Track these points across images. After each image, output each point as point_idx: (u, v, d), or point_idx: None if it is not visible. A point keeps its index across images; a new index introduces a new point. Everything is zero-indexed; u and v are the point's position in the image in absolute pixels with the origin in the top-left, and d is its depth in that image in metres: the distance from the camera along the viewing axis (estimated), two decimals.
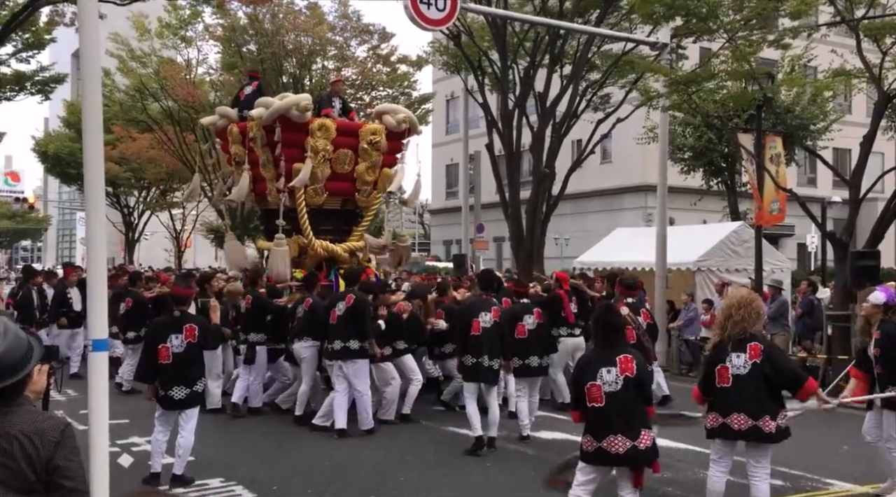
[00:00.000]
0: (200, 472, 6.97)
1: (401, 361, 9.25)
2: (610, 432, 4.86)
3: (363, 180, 11.23)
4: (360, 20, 26.39)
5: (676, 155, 21.21)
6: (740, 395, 5.23)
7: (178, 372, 6.74)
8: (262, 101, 10.89)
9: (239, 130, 11.18)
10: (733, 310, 5.36)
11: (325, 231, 11.16)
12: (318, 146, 10.65)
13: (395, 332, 9.17)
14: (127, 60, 26.48)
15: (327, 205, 11.20)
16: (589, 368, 5.01)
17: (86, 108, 5.41)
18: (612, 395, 4.88)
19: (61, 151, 34.69)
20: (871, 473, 7.16)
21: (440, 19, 10.42)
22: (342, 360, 8.45)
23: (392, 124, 11.35)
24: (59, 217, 74.35)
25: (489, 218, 28.00)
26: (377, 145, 11.10)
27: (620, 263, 15.47)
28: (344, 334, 8.46)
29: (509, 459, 7.64)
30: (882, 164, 22.54)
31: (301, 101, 10.69)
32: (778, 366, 5.28)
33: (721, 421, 5.32)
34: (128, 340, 11.10)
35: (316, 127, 10.69)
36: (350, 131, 11.12)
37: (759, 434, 5.22)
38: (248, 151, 11.09)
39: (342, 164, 11.00)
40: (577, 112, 18.88)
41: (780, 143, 14.39)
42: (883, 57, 12.55)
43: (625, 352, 5.02)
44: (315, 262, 10.94)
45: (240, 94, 12.03)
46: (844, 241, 12.51)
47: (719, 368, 5.33)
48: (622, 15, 18.33)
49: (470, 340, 7.78)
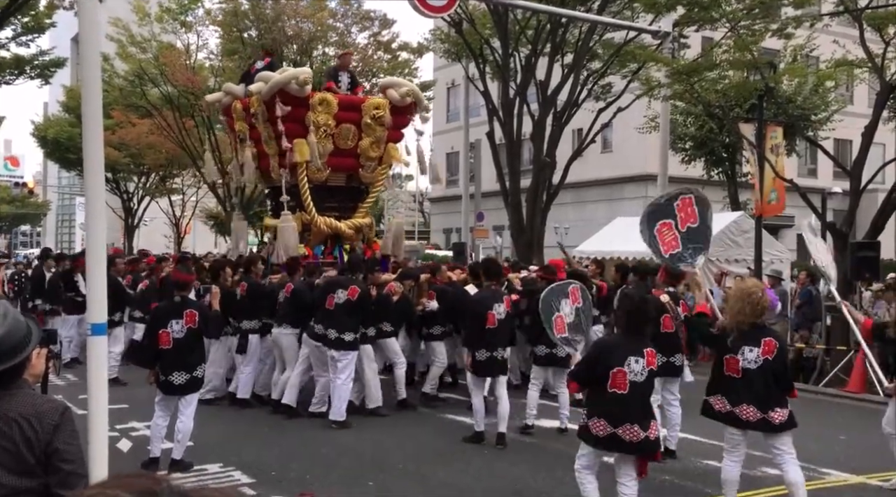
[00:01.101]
0: (199, 457, 6.99)
1: (385, 344, 9.13)
2: (627, 421, 4.87)
3: (367, 156, 10.97)
4: (360, 7, 26.29)
5: (677, 144, 21.18)
6: (750, 388, 5.25)
7: (178, 357, 6.75)
8: (261, 75, 10.62)
9: (243, 107, 11.00)
10: (735, 301, 5.40)
11: (330, 208, 10.96)
12: (319, 121, 10.45)
13: (383, 313, 9.01)
14: (126, 45, 26.35)
15: (331, 181, 10.98)
16: (616, 353, 4.98)
17: (85, 92, 5.40)
18: (635, 385, 4.91)
19: (61, 136, 34.61)
20: (868, 464, 7.19)
21: (442, 6, 10.36)
22: (335, 350, 8.31)
23: (396, 98, 11.03)
24: (59, 202, 74.20)
25: (489, 206, 27.96)
26: (381, 120, 10.84)
27: (620, 253, 15.46)
28: (341, 325, 8.30)
29: (508, 448, 7.64)
30: (883, 154, 22.53)
31: (300, 74, 10.40)
32: (783, 367, 5.40)
33: (729, 408, 5.36)
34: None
35: (317, 101, 10.46)
36: (353, 106, 10.85)
37: (770, 425, 5.27)
38: (250, 128, 10.94)
39: (345, 139, 10.76)
40: (578, 101, 18.83)
41: (781, 133, 14.36)
42: (886, 47, 12.52)
43: (650, 345, 5.12)
44: (319, 239, 10.78)
45: (250, 69, 11.82)
46: (844, 232, 12.52)
47: (728, 358, 5.34)
48: (625, 3, 18.26)
49: (486, 334, 7.63)
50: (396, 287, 9.13)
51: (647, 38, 17.42)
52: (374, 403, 8.90)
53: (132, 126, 29.52)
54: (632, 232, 17.18)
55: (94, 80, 5.38)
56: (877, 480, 6.78)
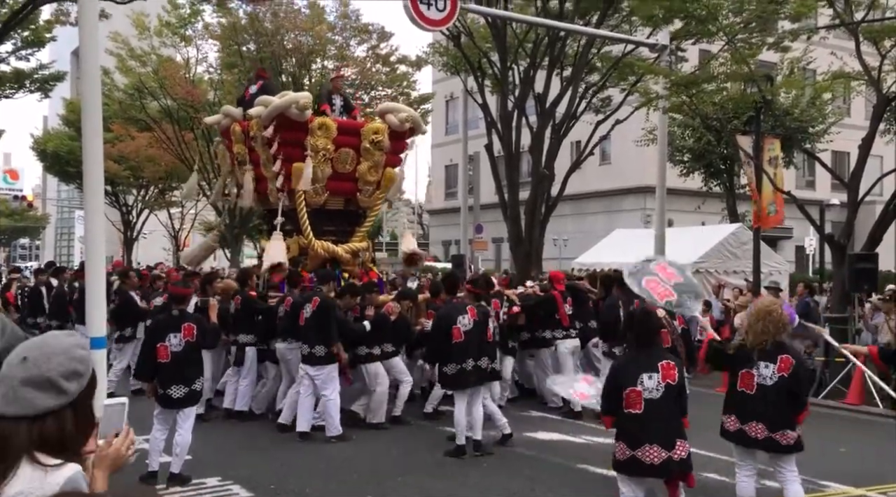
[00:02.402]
0: (198, 470, 6.97)
1: (389, 363, 9.11)
2: (646, 441, 4.69)
3: (365, 180, 11.05)
4: (359, 20, 26.40)
5: (675, 157, 21.25)
6: (763, 405, 5.16)
7: (176, 371, 6.75)
8: (261, 99, 10.73)
9: (241, 130, 11.10)
10: (752, 320, 5.29)
11: (328, 232, 11.00)
12: (318, 145, 10.53)
13: (383, 333, 9.00)
14: (126, 59, 26.47)
15: (329, 205, 11.06)
16: (629, 373, 4.82)
17: (85, 107, 5.44)
18: (651, 403, 4.72)
19: (60, 150, 34.67)
20: (868, 476, 7.18)
21: (440, 20, 10.45)
22: (309, 365, 8.32)
23: (395, 123, 11.15)
24: (58, 215, 74.19)
25: (488, 219, 28.00)
26: (380, 145, 10.93)
27: (619, 265, 15.46)
28: (311, 339, 8.31)
29: (506, 460, 7.64)
30: (881, 166, 22.55)
31: (300, 99, 10.51)
32: (800, 386, 5.29)
33: (739, 426, 5.28)
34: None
35: (316, 126, 10.56)
36: (352, 130, 10.97)
37: (776, 446, 5.20)
38: (250, 151, 11.01)
39: (343, 163, 10.85)
40: (576, 113, 18.90)
41: (779, 145, 14.42)
42: (882, 59, 12.57)
43: (666, 358, 4.90)
44: (316, 263, 10.84)
45: (245, 93, 11.95)
46: (842, 244, 12.53)
47: (744, 373, 5.25)
48: (622, 17, 18.36)
49: (454, 348, 7.56)
50: (394, 307, 9.11)
51: (644, 52, 17.52)
52: (377, 419, 8.93)
53: (132, 139, 29.61)
54: (630, 243, 17.30)
55: (94, 94, 5.42)
56: (876, 493, 6.76)
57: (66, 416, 1.85)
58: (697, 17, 13.91)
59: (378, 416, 8.94)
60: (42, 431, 1.80)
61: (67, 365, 1.87)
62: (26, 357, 1.86)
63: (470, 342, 7.61)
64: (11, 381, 1.83)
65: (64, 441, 1.83)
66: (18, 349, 1.91)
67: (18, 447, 1.77)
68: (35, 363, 1.85)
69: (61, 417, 1.84)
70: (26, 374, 1.83)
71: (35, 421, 1.81)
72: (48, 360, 1.86)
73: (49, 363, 1.85)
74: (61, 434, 1.83)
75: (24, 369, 1.84)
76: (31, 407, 1.81)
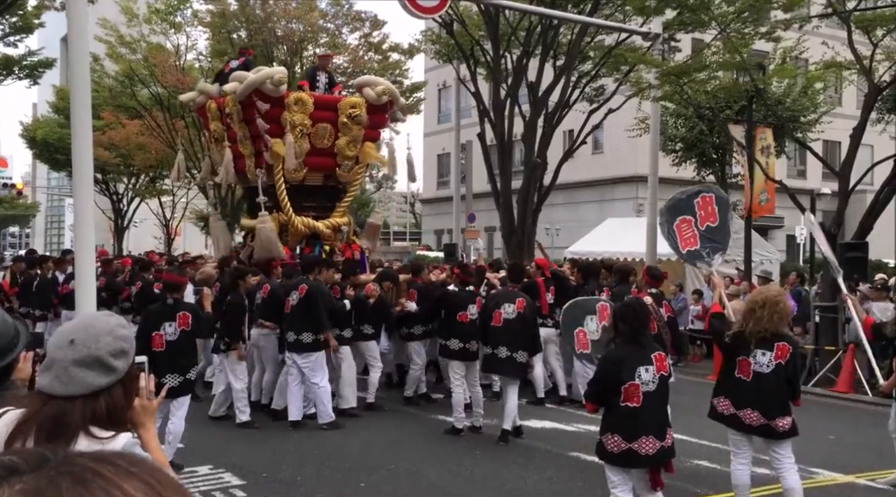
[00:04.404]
0: (190, 459, 6.97)
1: (364, 347, 9.09)
2: (643, 434, 4.69)
3: (344, 155, 10.92)
4: (351, 7, 26.25)
5: (668, 146, 21.25)
6: (758, 392, 5.15)
7: (171, 359, 6.74)
8: (236, 75, 10.56)
9: (217, 106, 10.95)
10: (756, 307, 5.21)
11: (308, 207, 10.93)
12: (295, 121, 10.41)
13: (362, 314, 8.95)
14: (116, 46, 26.25)
15: (308, 181, 10.94)
16: (626, 366, 4.76)
17: (74, 94, 5.39)
18: (648, 395, 4.71)
19: (50, 137, 34.40)
20: (857, 463, 7.25)
21: (432, 7, 10.38)
22: (296, 353, 8.28)
23: (372, 97, 10.99)
24: (48, 203, 73.83)
25: (481, 207, 27.98)
26: (357, 119, 10.81)
27: (611, 253, 15.52)
28: (297, 326, 8.24)
29: (498, 448, 7.67)
30: (871, 156, 22.65)
31: (275, 74, 10.35)
32: (795, 373, 5.32)
33: (733, 411, 5.28)
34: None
35: (292, 101, 10.43)
36: (328, 105, 10.82)
37: (772, 432, 5.20)
38: (227, 128, 10.89)
39: (321, 138, 10.71)
40: (569, 102, 18.87)
41: (770, 134, 14.44)
42: (874, 49, 12.59)
43: (657, 349, 4.89)
44: (297, 239, 10.74)
45: (225, 68, 11.78)
46: (833, 233, 12.57)
47: (741, 360, 5.23)
48: (616, 6, 18.32)
49: (489, 331, 7.75)
50: (373, 289, 9.06)
51: (637, 41, 17.49)
52: (347, 404, 8.84)
53: (122, 127, 29.40)
54: (622, 232, 17.33)
55: (83, 81, 5.37)
56: (865, 479, 6.82)
57: (116, 391, 1.98)
58: (690, 6, 13.88)
59: (349, 400, 8.84)
60: (95, 408, 1.93)
61: (115, 344, 1.98)
62: (73, 339, 1.95)
63: (507, 330, 7.67)
64: (63, 362, 1.93)
65: (116, 414, 1.96)
66: (64, 332, 2.01)
67: (76, 424, 1.89)
68: (84, 344, 1.95)
69: (113, 393, 1.97)
70: (77, 355, 1.93)
71: (88, 398, 1.92)
72: (97, 341, 1.96)
73: (98, 343, 1.96)
74: (113, 408, 1.96)
75: (75, 351, 1.94)
76: (85, 386, 1.93)
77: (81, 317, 2.13)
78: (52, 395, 1.91)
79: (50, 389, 1.91)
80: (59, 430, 1.87)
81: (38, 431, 1.86)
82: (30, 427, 1.87)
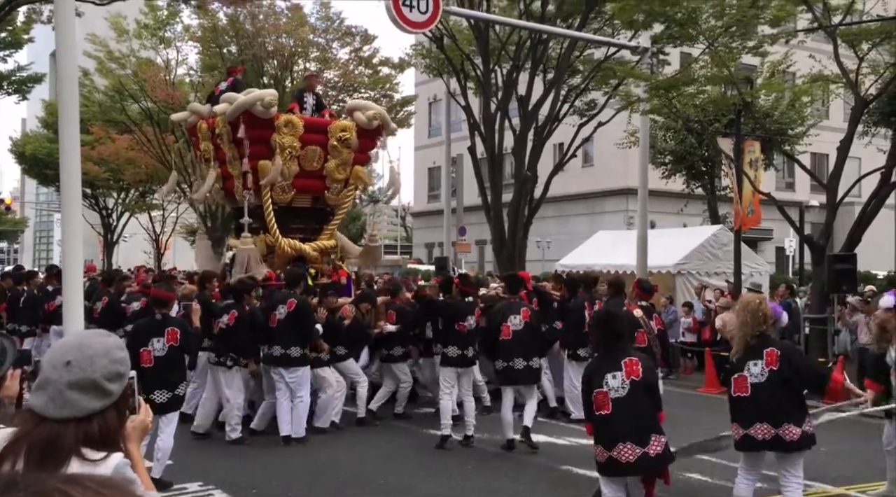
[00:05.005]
0: (179, 476, 6.89)
1: (343, 366, 9.03)
2: (619, 441, 4.66)
3: (333, 178, 10.96)
4: (342, 22, 26.36)
5: (657, 159, 21.37)
6: (759, 404, 5.08)
7: (159, 375, 6.69)
8: (226, 96, 10.60)
9: (208, 127, 10.96)
10: (740, 314, 5.26)
11: (296, 229, 10.93)
12: (284, 143, 10.44)
13: (335, 336, 8.92)
14: (105, 61, 26.24)
15: (297, 203, 10.96)
16: (595, 376, 4.82)
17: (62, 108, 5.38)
18: (618, 402, 4.69)
19: (39, 152, 34.28)
20: (848, 474, 7.25)
21: (422, 22, 10.43)
22: (283, 367, 8.24)
23: (363, 121, 11.05)
24: (37, 219, 73.45)
25: (471, 221, 28.02)
26: (347, 142, 10.86)
27: (602, 266, 15.55)
28: (285, 340, 8.21)
29: (490, 461, 7.64)
30: (859, 168, 22.81)
31: (265, 96, 10.38)
32: (799, 366, 5.12)
33: (743, 432, 5.18)
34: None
35: (282, 123, 10.46)
36: (319, 128, 10.87)
37: (782, 443, 5.07)
38: (216, 148, 10.89)
39: (311, 161, 10.75)
40: (559, 116, 18.97)
41: (759, 147, 14.54)
42: (859, 63, 12.73)
43: (630, 355, 4.85)
44: (284, 261, 10.69)
45: (215, 90, 11.83)
46: (822, 245, 12.65)
47: (736, 378, 5.17)
48: (604, 21, 18.46)
49: (500, 345, 7.79)
50: (349, 311, 9.04)
51: (626, 55, 17.61)
52: (321, 423, 8.76)
53: (112, 141, 29.34)
54: (613, 245, 17.36)
55: (72, 96, 5.36)
56: (856, 491, 6.83)
57: (110, 414, 1.95)
58: (678, 20, 14.00)
59: (324, 420, 8.77)
60: (88, 431, 1.90)
61: (111, 367, 1.96)
62: (70, 361, 1.92)
63: (518, 342, 7.72)
64: (57, 384, 1.90)
65: (109, 436, 1.94)
66: (59, 351, 1.98)
67: (69, 447, 1.87)
68: (80, 366, 1.92)
69: (106, 416, 1.94)
70: (72, 377, 1.90)
71: (81, 421, 1.90)
72: (92, 363, 1.93)
73: (94, 366, 1.93)
74: (107, 431, 1.94)
75: (70, 373, 1.91)
76: (79, 409, 1.89)
77: (78, 335, 2.08)
78: (44, 416, 1.89)
79: (43, 411, 1.88)
80: (51, 453, 1.85)
81: (28, 452, 1.83)
82: (20, 447, 1.84)
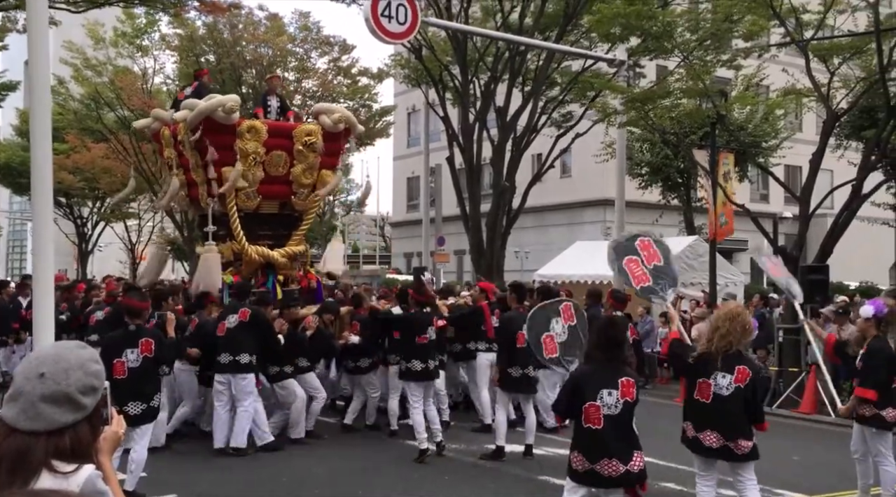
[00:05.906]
0: (154, 488, 6.82)
1: (303, 378, 8.96)
2: (605, 456, 4.67)
3: (300, 183, 10.76)
4: (320, 32, 26.36)
5: (634, 170, 21.56)
6: (717, 414, 5.17)
7: (133, 387, 6.61)
8: (187, 103, 10.42)
9: (171, 133, 10.79)
10: (720, 322, 5.28)
11: (263, 236, 10.73)
12: (247, 149, 10.25)
13: (296, 348, 8.86)
14: (82, 69, 26.00)
15: (263, 209, 10.76)
16: (589, 386, 4.76)
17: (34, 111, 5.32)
18: (610, 419, 4.70)
19: (12, 161, 33.80)
20: (821, 484, 7.34)
21: (401, 33, 10.43)
22: (231, 374, 8.17)
23: (328, 124, 10.85)
24: (10, 228, 72.38)
25: (450, 231, 28.05)
26: (313, 146, 10.66)
27: (580, 276, 15.65)
28: (233, 347, 8.18)
29: (469, 472, 7.64)
30: (831, 180, 23.11)
31: (227, 102, 10.18)
32: (755, 398, 5.26)
33: (693, 434, 5.30)
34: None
35: (245, 129, 10.27)
36: (283, 132, 10.67)
37: (732, 455, 5.20)
38: (179, 155, 10.74)
39: (276, 166, 10.54)
40: (537, 127, 19.10)
41: (733, 159, 14.74)
42: (831, 77, 12.96)
43: (626, 374, 4.85)
44: (251, 268, 10.52)
45: (179, 95, 11.65)
46: (795, 256, 12.81)
47: (700, 382, 5.25)
48: (581, 33, 18.64)
49: (515, 352, 7.97)
50: (312, 322, 8.97)
51: (603, 67, 17.79)
52: (296, 434, 8.76)
53: (87, 150, 29.02)
54: (591, 255, 17.46)
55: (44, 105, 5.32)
56: None
57: (82, 428, 1.93)
58: (653, 34, 14.19)
59: (298, 430, 8.77)
60: (59, 444, 1.89)
61: (85, 380, 1.94)
62: (44, 372, 1.91)
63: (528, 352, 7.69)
64: (30, 396, 1.89)
65: (80, 449, 1.92)
66: (33, 362, 1.96)
67: (38, 460, 1.85)
68: (54, 379, 1.90)
69: (78, 430, 1.92)
70: (46, 390, 1.89)
71: (53, 434, 1.88)
72: (67, 376, 1.92)
73: (68, 379, 1.91)
74: (78, 444, 1.92)
75: (44, 385, 1.89)
76: (51, 422, 1.89)
77: (53, 346, 2.07)
78: (15, 428, 1.87)
79: (14, 423, 1.87)
80: (21, 465, 1.83)
81: None
82: None
